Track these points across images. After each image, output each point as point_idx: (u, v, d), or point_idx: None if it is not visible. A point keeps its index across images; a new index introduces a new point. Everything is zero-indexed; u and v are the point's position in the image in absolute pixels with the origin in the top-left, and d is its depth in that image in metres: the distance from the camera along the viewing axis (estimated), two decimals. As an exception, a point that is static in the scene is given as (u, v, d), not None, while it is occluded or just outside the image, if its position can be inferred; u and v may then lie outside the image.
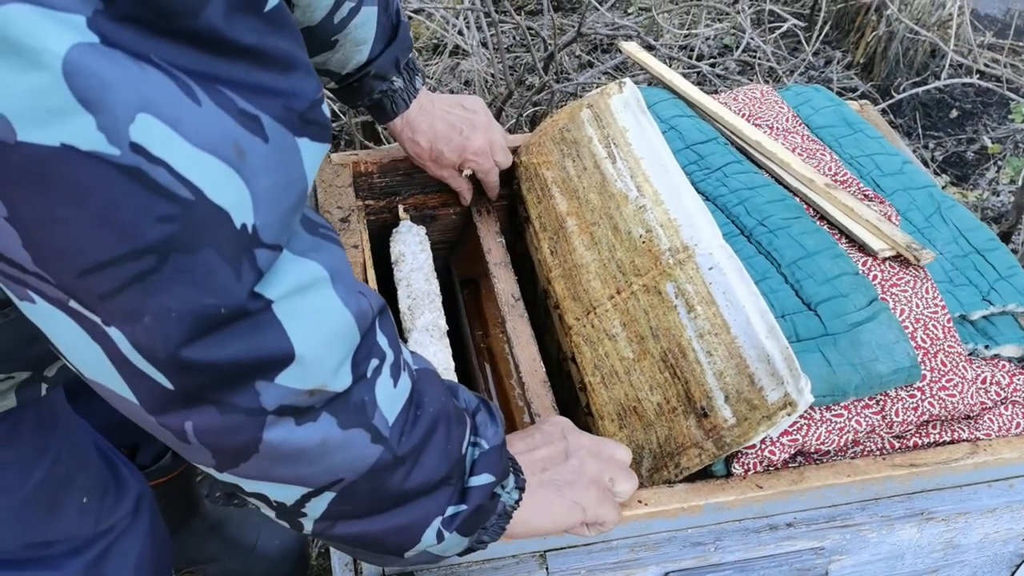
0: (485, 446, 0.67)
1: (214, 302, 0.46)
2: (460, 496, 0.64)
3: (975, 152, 2.40)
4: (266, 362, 0.49)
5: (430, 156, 1.09)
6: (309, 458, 0.54)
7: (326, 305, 0.52)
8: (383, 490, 0.59)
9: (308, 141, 0.50)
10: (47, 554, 0.88)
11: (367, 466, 0.57)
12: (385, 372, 0.57)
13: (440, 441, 0.62)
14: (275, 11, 0.47)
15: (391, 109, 1.04)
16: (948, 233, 1.04)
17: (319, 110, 0.51)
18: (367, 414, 0.56)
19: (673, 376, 0.89)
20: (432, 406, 0.62)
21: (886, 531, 0.91)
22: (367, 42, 0.96)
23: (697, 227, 0.94)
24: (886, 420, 0.86)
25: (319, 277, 0.52)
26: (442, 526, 0.63)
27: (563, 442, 0.76)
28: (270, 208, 0.47)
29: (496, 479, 0.67)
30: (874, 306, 0.89)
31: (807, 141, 1.13)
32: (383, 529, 0.61)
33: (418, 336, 1.03)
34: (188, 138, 0.43)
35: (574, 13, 2.66)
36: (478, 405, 0.70)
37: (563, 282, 1.05)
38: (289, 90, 0.48)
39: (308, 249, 0.52)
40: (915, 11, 2.48)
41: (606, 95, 1.11)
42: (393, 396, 0.58)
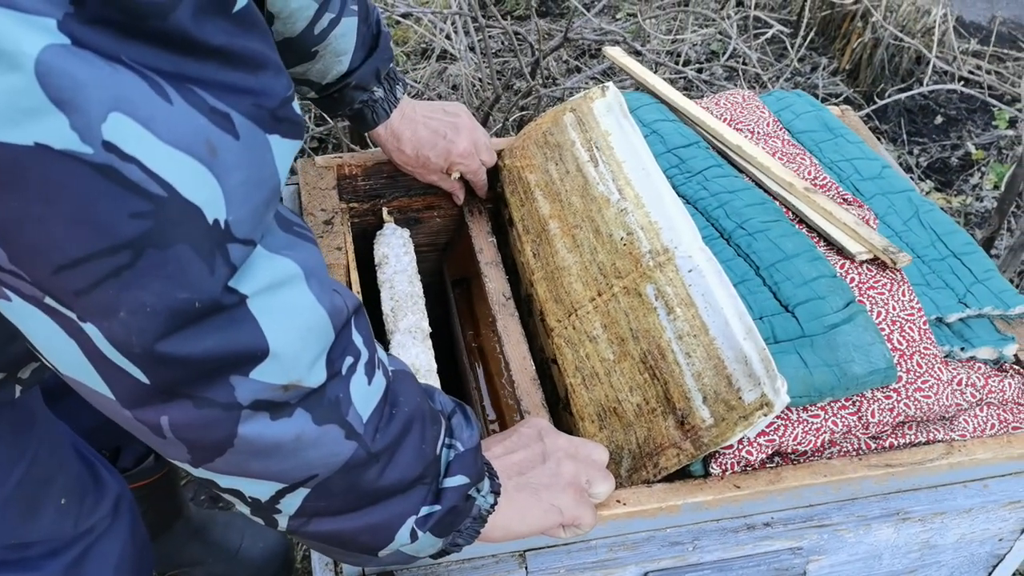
0: (460, 448, 0.67)
1: (188, 296, 0.47)
2: (435, 496, 0.65)
3: (959, 158, 2.42)
4: (241, 356, 0.50)
5: (417, 163, 1.10)
6: (284, 453, 0.55)
7: (300, 301, 0.53)
8: (357, 487, 0.60)
9: (279, 138, 0.51)
10: (26, 556, 0.88)
11: (341, 462, 0.58)
12: (360, 370, 0.58)
13: (415, 440, 0.62)
14: (244, 12, 0.48)
15: (372, 119, 1.05)
16: (926, 237, 1.05)
17: (290, 107, 0.52)
18: (341, 410, 0.57)
19: (652, 377, 0.90)
20: (407, 405, 0.62)
21: (863, 531, 0.92)
22: (347, 53, 0.97)
23: (677, 230, 0.95)
24: (862, 421, 0.87)
25: (293, 274, 0.52)
26: (416, 526, 0.64)
27: (540, 444, 0.77)
28: (242, 204, 0.48)
29: (470, 481, 0.67)
30: (851, 308, 0.90)
31: (787, 145, 1.14)
32: (357, 527, 0.62)
33: (401, 338, 1.04)
34: (160, 136, 0.44)
35: (562, 18, 2.67)
36: (454, 408, 0.71)
37: (545, 284, 1.05)
38: (259, 88, 0.49)
39: (282, 246, 0.52)
40: (900, 18, 2.50)
41: (589, 99, 1.12)
42: (367, 393, 0.59)
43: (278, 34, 0.91)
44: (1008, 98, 2.51)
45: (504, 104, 2.10)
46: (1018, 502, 0.95)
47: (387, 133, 1.07)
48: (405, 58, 2.50)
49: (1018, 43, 2.72)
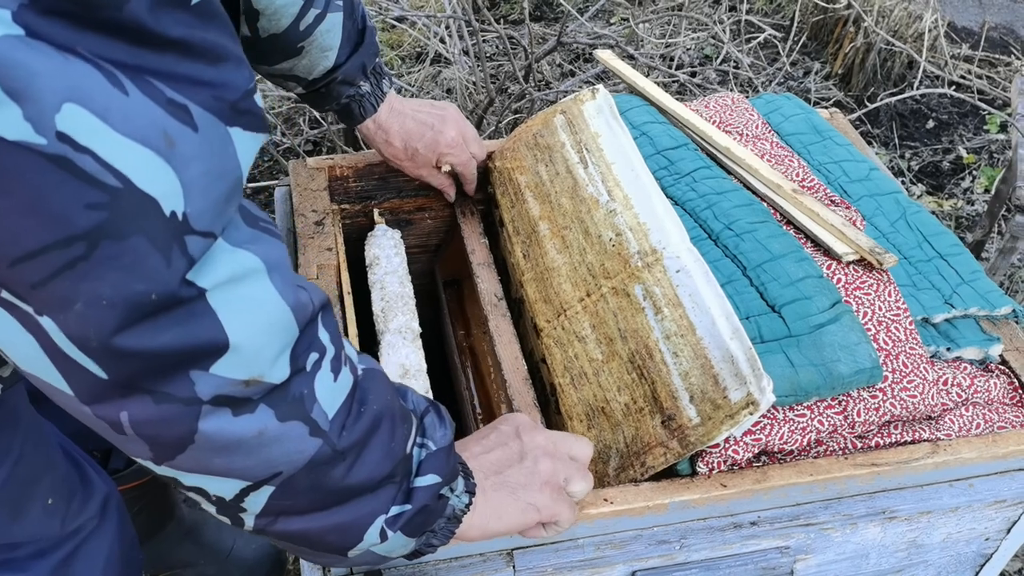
0: (432, 447, 0.67)
1: (144, 288, 0.46)
2: (405, 496, 0.64)
3: (951, 162, 2.43)
4: (200, 350, 0.50)
5: (405, 155, 1.10)
6: (246, 450, 0.54)
7: (262, 295, 0.52)
8: (323, 485, 0.59)
9: (240, 131, 0.50)
10: (13, 556, 0.88)
11: (306, 459, 0.57)
12: (325, 366, 0.57)
13: (384, 438, 0.62)
14: (203, 4, 0.48)
15: (359, 113, 1.05)
16: (913, 238, 1.06)
17: (251, 100, 0.51)
18: (305, 407, 0.56)
19: (640, 377, 0.90)
20: (376, 403, 0.62)
21: (850, 530, 0.92)
22: (333, 48, 0.97)
23: (666, 231, 0.96)
24: (848, 420, 0.88)
25: (255, 267, 0.52)
26: (386, 525, 0.63)
27: (517, 442, 0.76)
28: (202, 196, 0.48)
29: (443, 481, 0.66)
30: (837, 308, 0.91)
31: (776, 147, 1.15)
32: (325, 526, 0.61)
33: (391, 338, 1.04)
34: (115, 127, 0.43)
35: (556, 22, 2.68)
36: (427, 407, 0.70)
37: (535, 285, 1.06)
38: (219, 81, 0.49)
39: (245, 240, 0.52)
40: (892, 23, 2.52)
41: (579, 101, 1.12)
42: (333, 390, 0.58)
43: (264, 30, 0.91)
44: (999, 102, 2.52)
45: (498, 107, 2.11)
46: (1003, 501, 0.96)
47: (375, 127, 1.07)
48: (400, 62, 2.51)
49: (1009, 48, 2.73)
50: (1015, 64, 2.67)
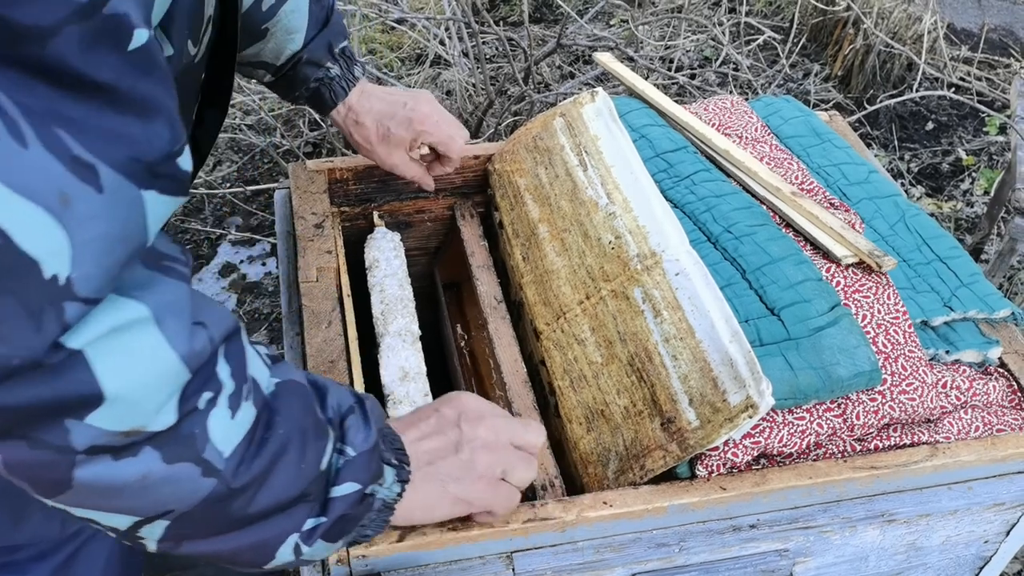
0: (351, 454, 0.64)
1: (5, 352, 0.44)
2: (321, 508, 0.62)
3: (950, 164, 2.44)
4: (70, 404, 0.47)
5: (378, 136, 1.03)
6: (130, 493, 0.52)
7: (146, 346, 0.49)
8: (223, 517, 0.57)
9: (155, 194, 0.48)
10: (13, 559, 0.88)
11: (199, 499, 0.55)
12: (222, 404, 0.55)
13: (291, 462, 0.59)
14: (141, 51, 0.45)
15: (330, 98, 1.01)
16: (912, 241, 1.06)
17: (173, 163, 0.49)
18: (197, 447, 0.53)
19: (640, 380, 0.90)
20: (284, 426, 0.59)
21: (849, 533, 0.93)
22: (299, 30, 0.95)
23: (665, 234, 0.96)
24: (847, 423, 0.88)
25: (139, 318, 0.49)
26: (300, 540, 0.62)
27: (456, 431, 0.72)
28: (93, 260, 0.45)
29: (362, 486, 0.64)
30: (836, 311, 0.91)
31: (775, 150, 1.15)
32: (233, 548, 0.59)
33: (391, 341, 1.04)
34: (3, 179, 0.41)
35: (556, 25, 2.68)
36: (351, 407, 0.66)
37: (534, 288, 1.06)
38: (142, 138, 0.46)
39: (136, 286, 0.49)
40: (891, 25, 2.52)
41: (578, 104, 1.12)
42: (230, 428, 0.55)
43: None
44: (998, 104, 2.53)
45: (497, 109, 2.11)
46: (1002, 504, 0.96)
47: (345, 110, 1.03)
48: (399, 64, 2.51)
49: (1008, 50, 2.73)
50: (1014, 66, 2.67)
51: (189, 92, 0.72)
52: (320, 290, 1.01)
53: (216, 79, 0.77)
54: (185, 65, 0.66)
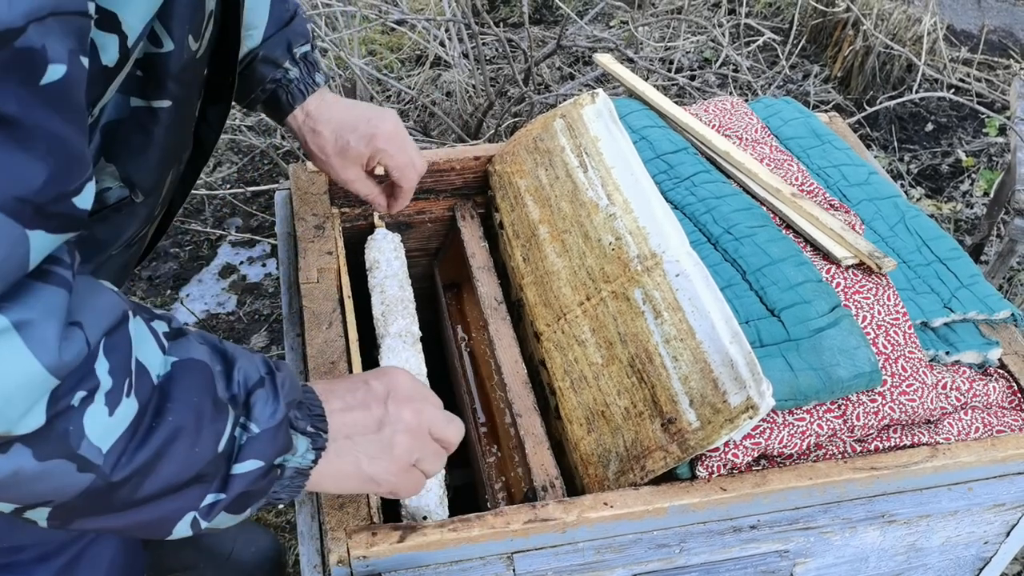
0: (255, 430, 0.62)
1: None
2: (221, 485, 0.62)
3: (950, 165, 2.44)
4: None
5: (335, 148, 0.98)
6: (3, 487, 0.52)
7: (5, 358, 0.48)
8: (108, 503, 0.57)
9: (43, 233, 0.48)
10: (16, 560, 0.88)
11: (76, 492, 0.55)
12: (99, 401, 0.54)
13: (182, 448, 0.58)
14: (55, 87, 0.45)
15: (287, 101, 0.96)
16: (912, 242, 1.06)
17: (68, 202, 0.49)
18: (70, 444, 0.53)
19: (640, 381, 0.90)
20: (176, 412, 0.58)
21: (849, 534, 0.93)
22: (258, 27, 0.92)
23: (665, 235, 0.96)
24: (847, 424, 0.88)
25: (1, 329, 0.48)
26: (199, 516, 0.62)
27: (381, 409, 0.71)
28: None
29: (265, 462, 0.63)
30: (836, 312, 0.91)
31: (775, 152, 1.15)
32: (125, 524, 0.59)
33: (391, 342, 1.04)
34: None
35: (556, 26, 2.68)
36: (260, 380, 0.64)
37: (535, 289, 1.06)
38: (38, 178, 0.46)
39: (3, 298, 0.49)
40: (891, 26, 2.52)
41: (579, 105, 1.13)
42: (108, 424, 0.55)
43: None
44: (998, 105, 2.53)
45: (497, 111, 2.11)
46: (1002, 505, 0.96)
47: (303, 116, 0.97)
48: (399, 65, 2.52)
49: (1008, 51, 2.74)
50: (1014, 67, 2.68)
51: (192, 88, 0.71)
52: (321, 291, 1.01)
53: (219, 75, 0.77)
54: (186, 60, 0.66)
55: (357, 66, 2.00)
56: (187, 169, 0.82)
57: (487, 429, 1.14)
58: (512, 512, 0.81)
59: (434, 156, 1.19)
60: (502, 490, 1.04)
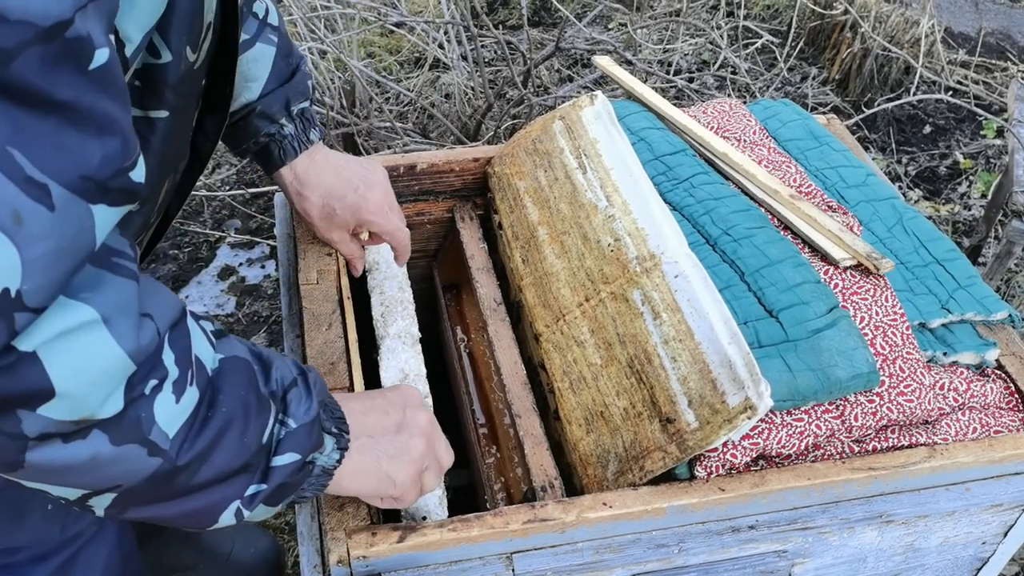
0: (293, 425, 0.67)
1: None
2: (262, 476, 0.66)
3: (948, 167, 2.44)
4: (23, 398, 0.50)
5: (321, 214, 1.00)
6: (80, 472, 0.56)
7: (94, 347, 0.52)
8: (169, 489, 0.61)
9: (105, 207, 0.51)
10: (12, 561, 0.88)
11: (145, 476, 0.58)
12: (167, 389, 0.58)
13: (233, 438, 0.63)
14: (102, 70, 0.47)
15: (278, 156, 0.97)
16: (909, 243, 1.06)
17: (126, 177, 0.52)
18: (143, 430, 0.57)
19: (639, 381, 0.91)
20: (228, 404, 0.63)
21: (847, 534, 0.93)
22: (258, 80, 0.93)
23: (664, 236, 0.96)
24: (845, 424, 0.88)
25: (89, 320, 0.52)
26: (242, 505, 0.65)
27: (400, 415, 0.76)
28: (42, 274, 0.48)
29: (302, 456, 0.67)
30: (834, 313, 0.92)
31: (773, 153, 1.16)
32: (176, 513, 0.63)
33: (390, 343, 1.04)
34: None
35: (554, 28, 2.69)
36: (294, 379, 0.69)
37: (534, 290, 1.07)
38: (96, 156, 0.49)
39: (84, 288, 0.52)
40: (889, 29, 2.53)
41: (578, 107, 1.13)
42: (174, 411, 0.58)
43: None
44: (995, 107, 2.53)
45: (496, 113, 2.12)
46: (1000, 505, 0.96)
47: (291, 175, 0.98)
48: (398, 67, 2.52)
49: (1005, 53, 2.74)
50: (1011, 69, 2.68)
51: (189, 98, 0.72)
52: (320, 292, 1.01)
53: (217, 86, 0.77)
54: (184, 71, 0.66)
55: (356, 68, 2.00)
56: (183, 178, 0.83)
57: (486, 430, 1.14)
58: (511, 512, 0.82)
59: (433, 158, 1.20)
60: (501, 491, 1.04)
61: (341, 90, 2.05)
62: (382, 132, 2.07)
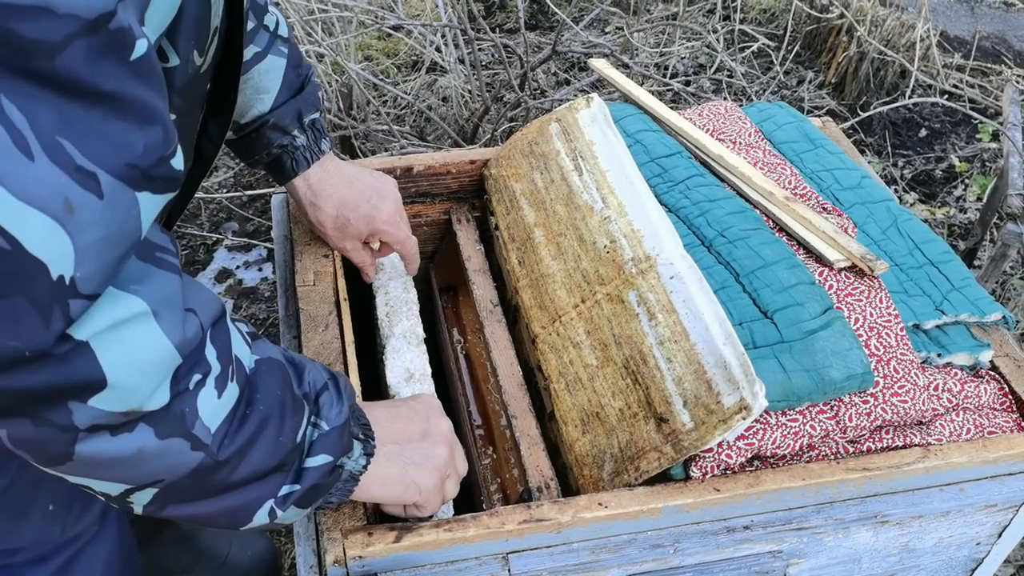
0: (325, 427, 0.69)
1: (18, 345, 0.48)
2: (295, 476, 0.67)
3: (943, 170, 2.45)
4: (76, 388, 0.52)
5: (335, 224, 1.02)
6: (125, 464, 0.57)
7: (144, 338, 0.54)
8: (208, 485, 0.62)
9: (149, 195, 0.52)
10: (12, 562, 0.88)
11: (187, 470, 0.60)
12: (209, 384, 0.59)
13: (270, 436, 0.64)
14: (142, 60, 0.49)
15: (291, 167, 0.98)
16: (904, 245, 1.07)
17: (167, 165, 0.53)
18: (187, 424, 0.58)
19: (634, 382, 0.91)
20: (265, 402, 0.64)
21: (842, 534, 0.93)
22: (270, 92, 0.94)
23: (659, 238, 0.97)
24: (840, 425, 0.89)
25: (139, 312, 0.53)
26: (275, 505, 0.66)
27: (424, 423, 0.78)
28: (93, 261, 0.49)
29: (334, 458, 0.69)
30: (829, 314, 0.92)
31: (769, 155, 1.16)
32: (213, 511, 0.64)
33: (396, 343, 1.05)
34: (12, 191, 0.45)
35: (551, 32, 2.70)
36: (325, 384, 0.71)
37: (530, 291, 1.07)
38: (140, 144, 0.50)
39: (133, 280, 0.53)
40: (885, 33, 2.54)
41: (574, 110, 1.13)
42: (216, 406, 0.60)
43: None
44: (991, 111, 2.54)
45: (493, 115, 2.12)
46: (994, 506, 0.97)
47: (305, 186, 1.00)
48: (396, 70, 2.53)
49: (1001, 57, 2.76)
50: (1007, 73, 2.70)
51: (194, 102, 0.72)
52: (317, 294, 1.02)
53: (221, 90, 0.78)
54: (191, 75, 0.67)
55: (353, 71, 2.01)
56: (187, 181, 0.83)
57: (483, 431, 1.14)
58: (507, 512, 0.82)
59: (430, 160, 1.20)
60: (497, 491, 1.04)
61: (338, 93, 2.05)
62: (379, 135, 2.07)
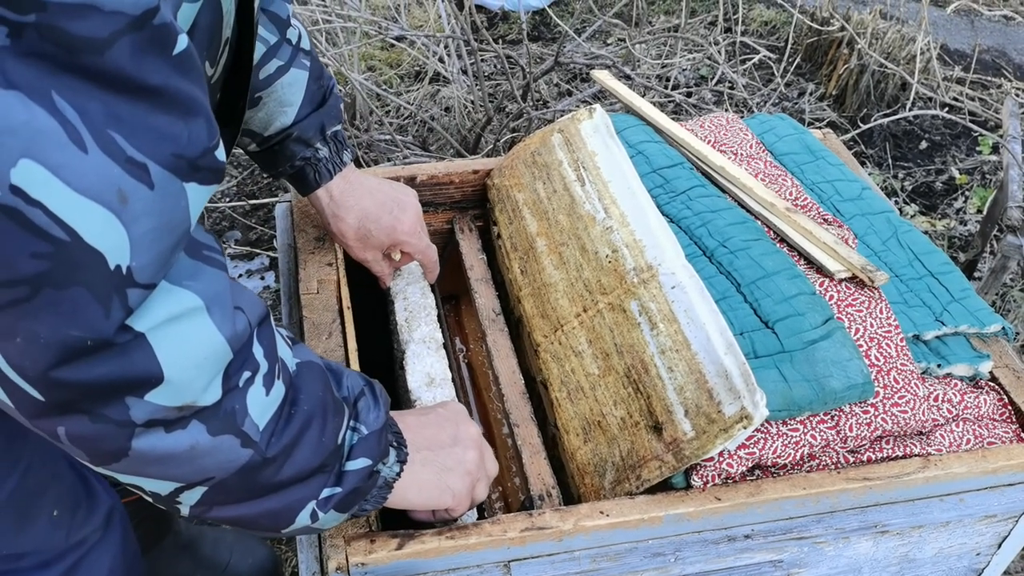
0: (364, 431, 0.70)
1: (80, 335, 0.49)
2: (336, 479, 0.68)
3: (944, 182, 2.46)
4: (134, 383, 0.53)
5: (357, 235, 1.03)
6: (178, 461, 0.58)
7: (198, 333, 0.55)
8: (255, 484, 0.63)
9: (196, 185, 0.53)
10: (17, 567, 0.89)
11: (237, 467, 0.61)
12: (258, 382, 0.60)
13: (314, 436, 0.65)
14: (184, 54, 0.50)
15: (314, 179, 0.99)
16: (904, 256, 1.07)
17: (212, 156, 0.54)
18: (237, 421, 0.59)
19: (636, 391, 0.91)
20: (308, 403, 0.65)
21: (842, 544, 0.94)
22: (293, 105, 0.95)
23: (661, 248, 0.97)
24: (840, 435, 0.89)
25: (193, 307, 0.55)
26: (317, 507, 0.67)
27: (454, 428, 0.80)
28: (148, 250, 0.50)
29: (373, 462, 0.70)
30: (829, 325, 0.93)
31: (770, 167, 1.17)
32: (257, 512, 0.65)
33: (415, 348, 1.05)
34: (69, 183, 0.46)
35: (554, 43, 2.71)
36: (362, 390, 0.72)
37: (532, 300, 1.08)
38: (185, 136, 0.51)
39: (186, 276, 0.55)
40: (885, 45, 2.55)
41: (576, 120, 1.14)
42: (264, 403, 0.61)
43: None
44: (991, 124, 2.55)
45: (496, 126, 2.13)
46: (994, 516, 0.97)
47: (328, 198, 1.00)
48: (399, 80, 2.54)
49: (1001, 70, 2.77)
50: (1006, 86, 2.71)
51: None
52: (321, 302, 1.02)
53: (230, 101, 0.79)
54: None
55: (357, 81, 2.02)
56: None
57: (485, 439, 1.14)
58: (509, 520, 0.82)
59: (433, 170, 1.21)
60: (499, 499, 1.05)
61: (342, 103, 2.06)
62: (382, 145, 2.08)
